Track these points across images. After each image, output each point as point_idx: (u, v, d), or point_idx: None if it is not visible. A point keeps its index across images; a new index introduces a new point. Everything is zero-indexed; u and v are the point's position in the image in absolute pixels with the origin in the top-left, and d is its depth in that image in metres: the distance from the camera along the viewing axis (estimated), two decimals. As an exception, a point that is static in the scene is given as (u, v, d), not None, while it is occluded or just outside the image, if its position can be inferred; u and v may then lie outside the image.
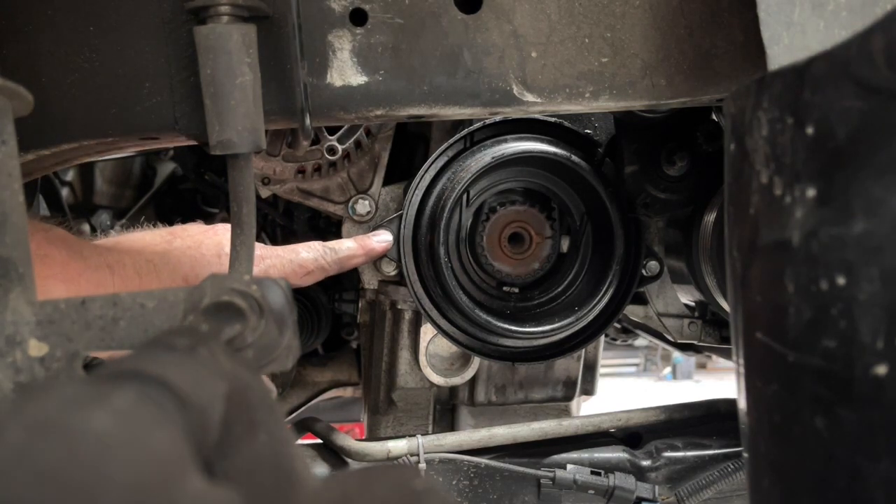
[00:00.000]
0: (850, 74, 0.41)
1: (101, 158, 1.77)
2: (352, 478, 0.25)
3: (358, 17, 0.68)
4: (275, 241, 1.50)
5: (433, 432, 1.26)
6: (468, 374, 1.25)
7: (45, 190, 1.53)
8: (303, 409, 1.51)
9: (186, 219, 2.26)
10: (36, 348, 0.39)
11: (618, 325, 1.77)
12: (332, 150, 1.11)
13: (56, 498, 0.19)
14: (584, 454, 1.09)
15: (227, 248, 0.88)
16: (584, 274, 1.12)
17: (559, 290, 1.12)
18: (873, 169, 0.41)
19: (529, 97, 0.71)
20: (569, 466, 1.06)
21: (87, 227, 1.90)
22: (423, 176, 1.08)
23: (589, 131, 1.10)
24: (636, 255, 1.10)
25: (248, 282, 0.40)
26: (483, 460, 1.05)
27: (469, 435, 1.08)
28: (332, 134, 1.11)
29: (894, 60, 0.39)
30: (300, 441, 1.12)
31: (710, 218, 1.05)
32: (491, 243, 1.10)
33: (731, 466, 1.04)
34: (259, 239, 0.68)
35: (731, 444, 1.10)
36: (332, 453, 1.05)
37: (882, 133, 0.41)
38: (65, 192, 1.75)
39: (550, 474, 1.04)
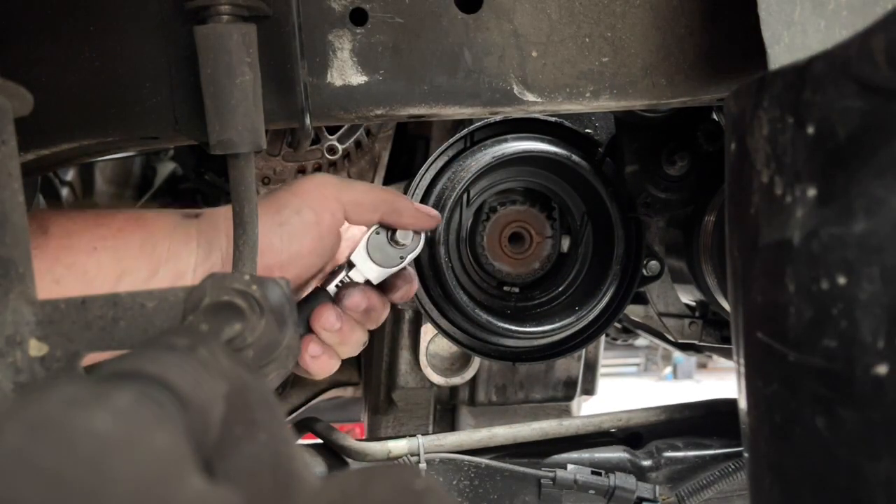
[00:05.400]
0: (851, 74, 0.41)
1: (101, 158, 1.76)
2: (352, 478, 0.25)
3: (358, 17, 0.68)
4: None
5: (433, 432, 1.26)
6: (468, 373, 1.25)
7: (45, 190, 1.53)
8: (303, 409, 1.51)
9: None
10: (36, 348, 0.39)
11: (618, 325, 1.77)
12: (332, 150, 1.11)
13: (56, 498, 0.19)
14: (585, 454, 1.09)
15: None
16: (585, 274, 1.12)
17: (559, 289, 1.12)
18: (874, 168, 0.41)
19: (530, 97, 0.71)
20: (569, 466, 1.06)
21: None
22: (423, 175, 1.08)
23: (589, 131, 1.10)
24: (637, 254, 1.10)
25: (249, 281, 0.40)
26: (483, 460, 1.05)
27: (469, 435, 1.07)
28: (332, 134, 1.11)
29: (895, 60, 0.39)
30: (300, 441, 1.11)
31: (711, 218, 1.05)
32: (491, 243, 1.10)
33: (732, 466, 1.04)
34: None
35: (732, 443, 1.10)
36: (332, 453, 1.05)
37: (882, 133, 0.41)
38: (65, 192, 1.75)
39: (551, 474, 1.04)
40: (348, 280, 0.78)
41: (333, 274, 0.79)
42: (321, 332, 0.75)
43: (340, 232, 0.78)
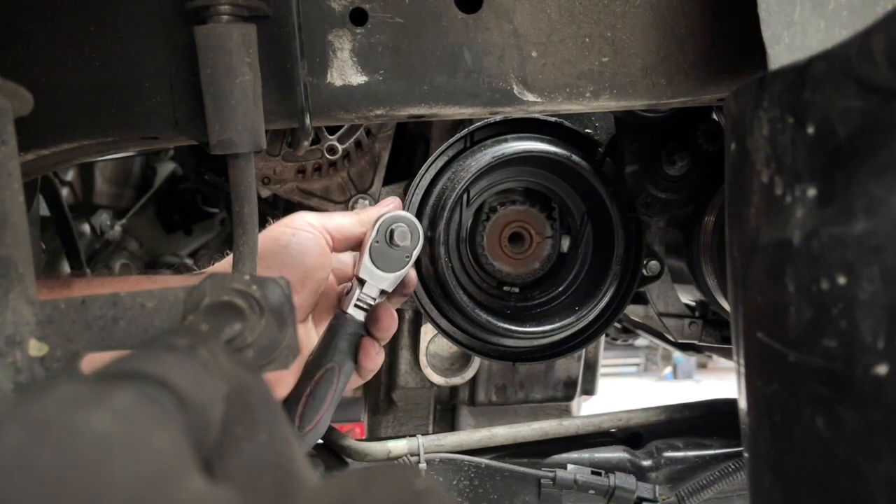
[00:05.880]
0: (851, 74, 0.41)
1: (101, 158, 1.77)
2: (352, 478, 0.25)
3: (358, 17, 0.68)
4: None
5: (433, 432, 1.26)
6: (468, 373, 1.25)
7: (45, 190, 1.53)
8: (303, 409, 1.50)
9: (187, 218, 2.26)
10: (36, 348, 0.39)
11: (618, 325, 1.77)
12: (332, 150, 1.11)
13: (56, 498, 0.19)
14: (585, 454, 1.09)
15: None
16: (585, 274, 1.12)
17: (559, 289, 1.12)
18: (874, 168, 0.41)
19: (530, 97, 0.71)
20: (569, 466, 1.06)
21: (87, 227, 1.90)
22: (423, 175, 1.08)
23: (589, 131, 1.10)
24: (637, 254, 1.10)
25: (249, 281, 0.40)
26: (483, 460, 1.05)
27: (469, 435, 1.07)
28: (332, 134, 1.11)
29: (895, 60, 0.39)
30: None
31: (711, 218, 1.05)
32: (491, 243, 1.10)
33: (732, 466, 1.04)
34: None
35: (732, 443, 1.10)
36: (333, 453, 1.05)
37: (882, 133, 0.40)
38: (65, 192, 1.75)
39: (551, 474, 1.04)
40: (365, 296, 0.81)
41: (348, 295, 0.82)
42: (383, 334, 0.83)
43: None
